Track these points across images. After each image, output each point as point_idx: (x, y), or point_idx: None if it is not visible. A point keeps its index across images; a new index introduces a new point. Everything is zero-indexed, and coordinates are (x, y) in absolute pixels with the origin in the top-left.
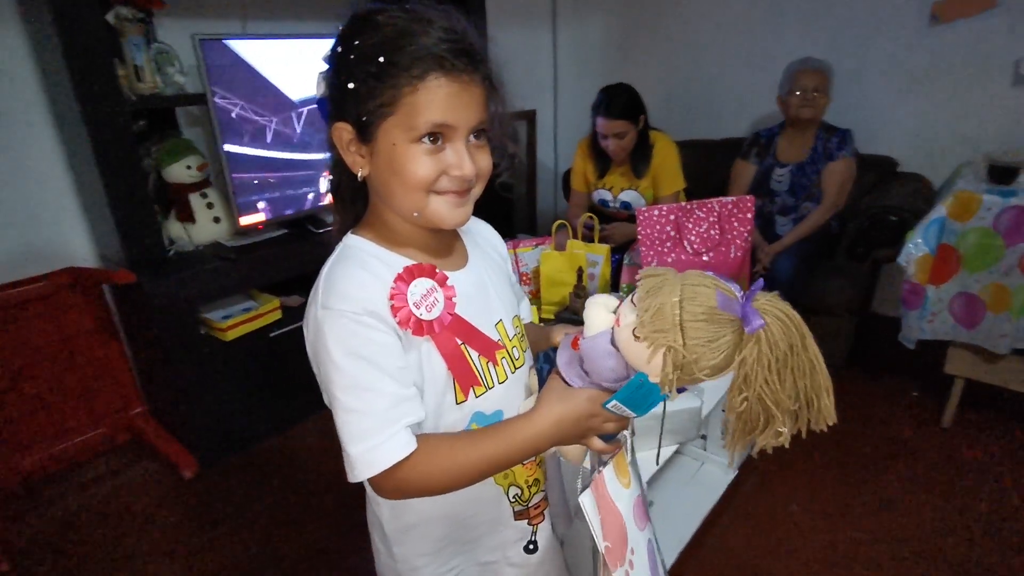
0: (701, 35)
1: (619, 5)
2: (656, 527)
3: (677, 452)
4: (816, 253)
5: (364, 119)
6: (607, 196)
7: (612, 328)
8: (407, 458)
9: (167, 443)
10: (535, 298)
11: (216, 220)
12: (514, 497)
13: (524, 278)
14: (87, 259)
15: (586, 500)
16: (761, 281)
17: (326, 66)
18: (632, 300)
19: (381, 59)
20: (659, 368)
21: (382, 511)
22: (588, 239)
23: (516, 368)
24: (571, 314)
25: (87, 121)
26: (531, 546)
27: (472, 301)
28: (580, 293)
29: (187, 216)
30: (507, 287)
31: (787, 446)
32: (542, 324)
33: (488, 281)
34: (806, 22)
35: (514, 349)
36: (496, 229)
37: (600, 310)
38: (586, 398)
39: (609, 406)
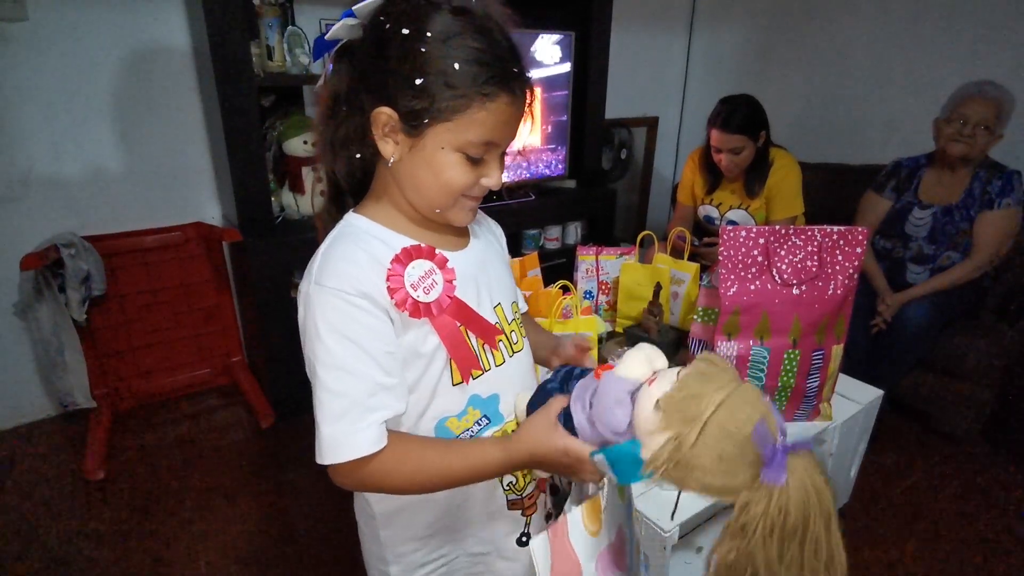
0: (853, 47)
1: (763, 10)
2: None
3: None
4: (958, 305)
5: (425, 120)
6: (714, 213)
7: (642, 384)
8: (374, 454)
9: (254, 392)
10: (611, 309)
11: (322, 194)
12: (508, 485)
13: (603, 287)
14: (214, 217)
15: (536, 544)
16: (810, 443)
17: (359, 19)
18: (679, 375)
19: (456, 66)
20: (656, 448)
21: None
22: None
23: (514, 352)
24: (641, 331)
25: (220, 92)
26: (524, 538)
27: (472, 282)
28: (654, 311)
29: (298, 187)
30: (506, 273)
31: None
32: (572, 334)
33: (488, 264)
34: (985, 41)
35: (512, 333)
36: (593, 235)
37: (642, 360)
38: (563, 449)
39: (595, 458)
